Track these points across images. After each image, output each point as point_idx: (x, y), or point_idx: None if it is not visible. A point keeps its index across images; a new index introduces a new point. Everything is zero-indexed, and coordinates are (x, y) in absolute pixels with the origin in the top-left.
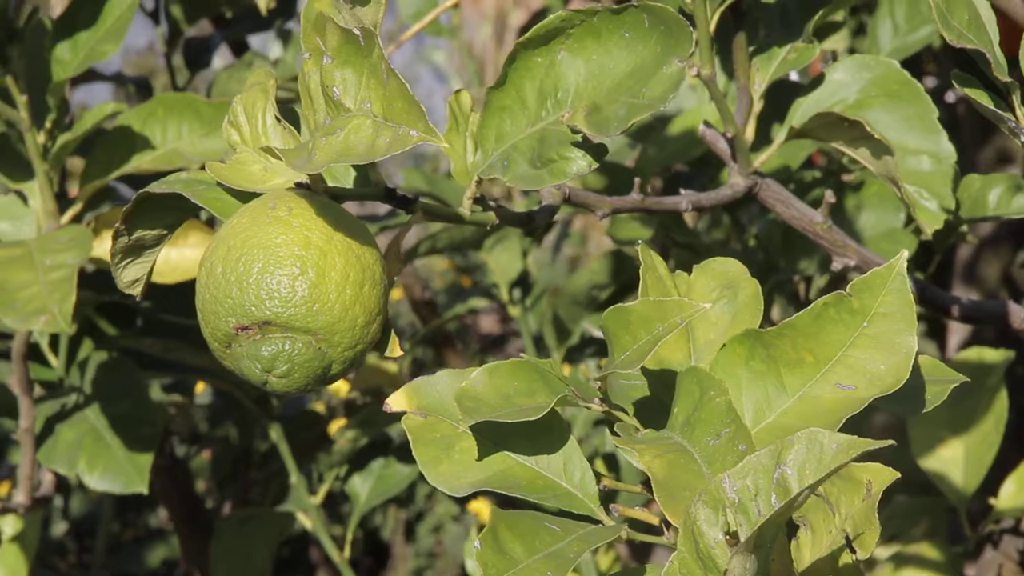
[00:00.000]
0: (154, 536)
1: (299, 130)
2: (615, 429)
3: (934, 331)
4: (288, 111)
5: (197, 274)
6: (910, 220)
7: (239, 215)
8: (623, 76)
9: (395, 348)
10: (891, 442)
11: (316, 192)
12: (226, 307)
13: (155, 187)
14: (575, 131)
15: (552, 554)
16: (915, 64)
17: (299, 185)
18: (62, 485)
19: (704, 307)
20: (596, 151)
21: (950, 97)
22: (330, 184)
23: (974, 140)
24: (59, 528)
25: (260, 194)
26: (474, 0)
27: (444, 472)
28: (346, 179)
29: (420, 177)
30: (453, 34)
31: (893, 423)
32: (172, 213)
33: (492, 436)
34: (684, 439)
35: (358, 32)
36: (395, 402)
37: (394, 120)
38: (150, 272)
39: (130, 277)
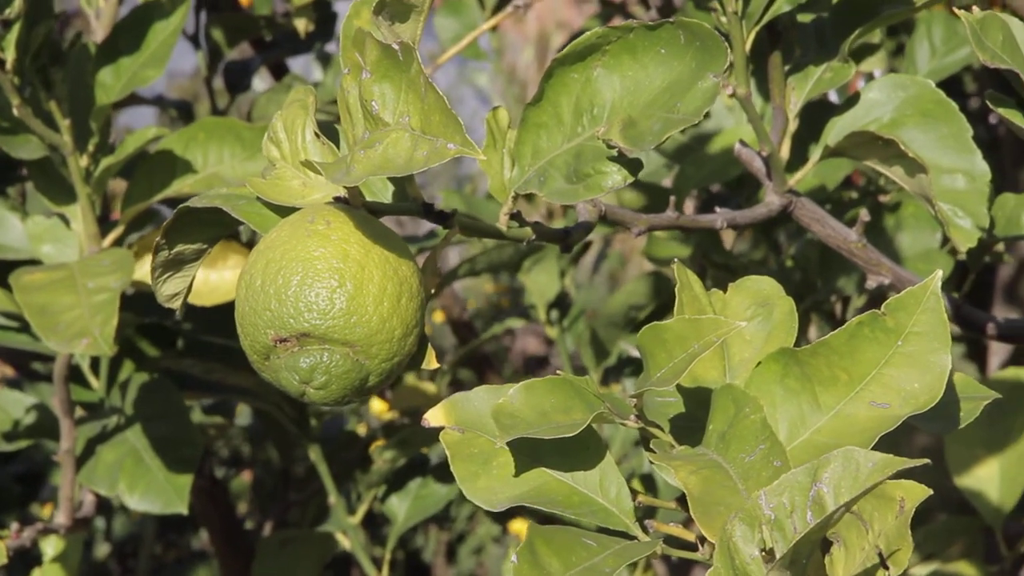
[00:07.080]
0: (196, 557)
1: (338, 147)
2: (651, 446)
3: (974, 353)
4: (328, 129)
5: (236, 288)
6: (946, 241)
7: (278, 229)
8: (658, 91)
9: (432, 360)
10: (927, 461)
11: (354, 206)
12: (265, 319)
13: (195, 202)
14: (610, 146)
15: (588, 569)
16: (958, 85)
17: (338, 199)
18: (105, 506)
19: (739, 325)
20: (631, 166)
21: (993, 118)
22: (368, 199)
23: (1014, 161)
24: (102, 549)
25: (299, 208)
26: (517, 23)
27: (481, 487)
28: (384, 194)
29: (458, 199)
30: (492, 57)
31: (932, 443)
32: (212, 228)
33: (529, 452)
34: (719, 456)
35: (396, 47)
36: (433, 417)
37: (432, 133)
38: (189, 287)
39: (169, 291)
